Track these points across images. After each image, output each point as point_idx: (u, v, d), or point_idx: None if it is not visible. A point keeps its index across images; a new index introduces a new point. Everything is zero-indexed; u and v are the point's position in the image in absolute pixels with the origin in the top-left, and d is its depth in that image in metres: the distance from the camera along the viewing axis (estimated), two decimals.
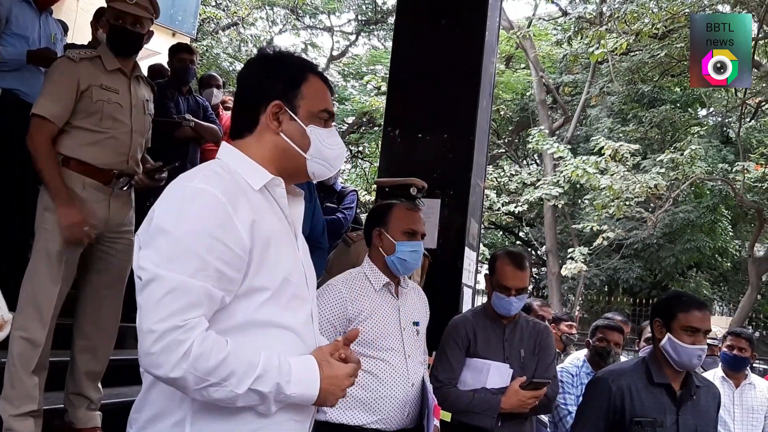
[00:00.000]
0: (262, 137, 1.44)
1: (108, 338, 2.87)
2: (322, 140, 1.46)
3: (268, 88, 1.45)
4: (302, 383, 1.32)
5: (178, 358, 1.22)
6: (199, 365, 1.23)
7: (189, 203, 1.29)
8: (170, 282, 1.24)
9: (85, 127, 2.72)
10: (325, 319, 2.32)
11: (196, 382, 1.23)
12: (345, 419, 2.31)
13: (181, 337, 1.22)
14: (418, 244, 2.46)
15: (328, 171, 1.51)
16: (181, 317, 1.23)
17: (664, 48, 12.36)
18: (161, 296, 1.23)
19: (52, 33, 3.78)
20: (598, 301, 17.19)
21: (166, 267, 1.24)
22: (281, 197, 1.44)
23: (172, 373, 1.22)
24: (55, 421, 2.80)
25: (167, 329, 1.22)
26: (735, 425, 3.98)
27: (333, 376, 1.37)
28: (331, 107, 1.51)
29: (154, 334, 1.22)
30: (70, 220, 2.59)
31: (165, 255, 1.26)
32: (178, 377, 1.22)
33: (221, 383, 1.24)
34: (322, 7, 18.68)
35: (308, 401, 1.35)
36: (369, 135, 18.10)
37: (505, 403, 2.57)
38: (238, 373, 1.26)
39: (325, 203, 4.31)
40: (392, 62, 4.22)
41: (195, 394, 1.26)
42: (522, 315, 2.85)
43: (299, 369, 1.33)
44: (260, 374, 1.27)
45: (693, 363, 2.42)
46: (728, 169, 12.60)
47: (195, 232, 1.26)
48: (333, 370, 1.37)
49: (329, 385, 1.36)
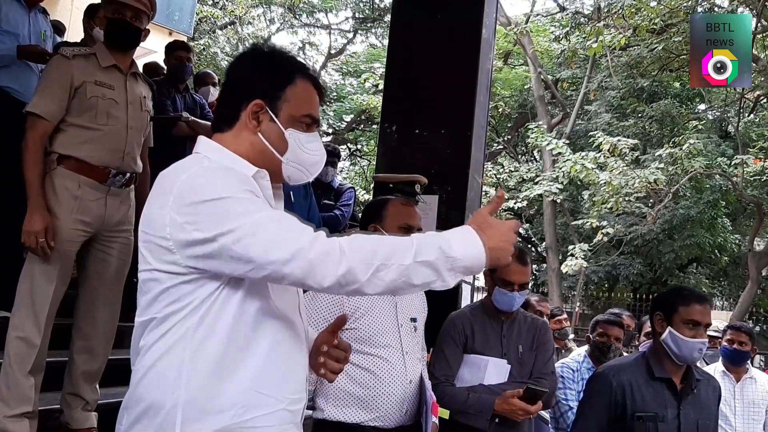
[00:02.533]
0: (240, 134, 1.44)
1: (105, 338, 2.86)
2: (301, 145, 1.45)
3: (253, 86, 1.44)
4: (463, 243, 1.28)
5: (336, 258, 1.23)
6: (359, 253, 1.24)
7: (203, 174, 1.32)
8: (268, 215, 1.27)
9: (80, 125, 2.69)
10: (321, 315, 2.31)
11: (365, 269, 1.24)
12: (342, 417, 2.30)
13: (323, 240, 1.24)
14: None
15: (305, 176, 1.50)
16: (303, 231, 1.26)
17: (663, 42, 12.33)
18: (274, 227, 1.25)
19: (41, 30, 3.75)
20: (599, 297, 17.18)
21: (240, 220, 1.25)
22: (266, 188, 1.43)
23: (340, 269, 1.23)
24: (51, 421, 2.79)
25: (304, 242, 1.23)
26: (736, 419, 3.97)
27: (495, 231, 1.31)
28: (316, 113, 1.49)
29: (299, 253, 1.22)
30: (30, 227, 2.56)
31: (232, 214, 1.26)
32: (346, 270, 1.23)
33: (387, 262, 1.24)
34: (320, 6, 18.65)
35: (479, 260, 1.29)
36: (367, 133, 18.10)
37: (498, 407, 2.55)
38: (398, 249, 1.25)
39: (323, 200, 4.30)
40: (388, 58, 4.21)
41: (368, 285, 1.25)
42: (520, 311, 2.83)
43: (453, 233, 1.30)
44: (418, 246, 1.26)
45: (694, 356, 2.41)
46: (727, 163, 12.59)
47: (229, 187, 1.28)
48: (492, 226, 1.31)
49: (494, 241, 1.30)
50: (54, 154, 2.67)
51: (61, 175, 2.66)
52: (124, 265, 2.88)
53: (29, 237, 2.56)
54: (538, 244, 17.91)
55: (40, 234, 2.55)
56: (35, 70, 3.61)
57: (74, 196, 2.67)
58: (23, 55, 3.52)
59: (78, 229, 2.68)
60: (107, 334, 2.86)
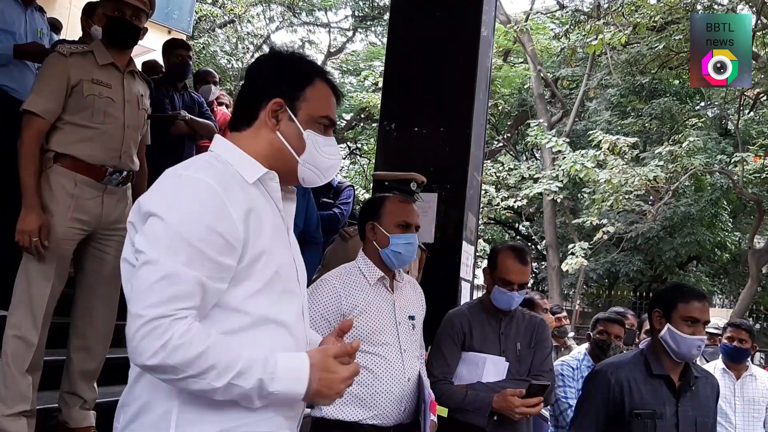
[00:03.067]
0: (259, 133, 1.44)
1: (103, 337, 2.85)
2: (318, 147, 1.45)
3: (273, 86, 1.44)
4: (288, 381, 1.29)
5: (158, 346, 1.21)
6: (178, 356, 1.21)
7: (183, 190, 1.29)
8: (164, 268, 1.23)
9: (77, 123, 2.68)
10: (318, 314, 2.30)
11: (174, 372, 1.22)
12: (341, 415, 2.29)
13: (166, 326, 1.21)
14: (412, 236, 2.43)
15: (319, 179, 1.49)
16: (171, 306, 1.22)
17: (663, 40, 12.31)
18: (154, 281, 1.23)
19: (38, 28, 3.74)
20: (599, 295, 17.18)
21: (161, 253, 1.24)
22: (275, 191, 1.43)
23: (150, 360, 1.21)
24: (50, 420, 2.79)
25: (155, 316, 1.21)
26: (736, 417, 3.96)
27: (328, 377, 1.33)
28: (334, 115, 1.50)
29: (141, 319, 1.22)
30: (24, 226, 2.55)
31: (160, 241, 1.25)
32: (156, 365, 1.22)
33: (199, 375, 1.23)
34: (319, 4, 18.64)
35: (294, 399, 1.32)
36: (367, 131, 18.08)
37: (496, 404, 2.54)
38: (219, 367, 1.24)
39: (322, 198, 4.29)
40: (388, 56, 4.20)
41: (173, 384, 1.25)
42: (518, 308, 2.82)
43: (286, 367, 1.30)
44: (242, 370, 1.25)
45: (692, 353, 2.41)
46: (727, 161, 12.58)
47: (189, 221, 1.26)
48: (329, 371, 1.33)
49: (321, 386, 1.32)
50: (50, 152, 2.67)
51: (58, 174, 2.66)
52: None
53: (23, 236, 2.55)
54: (538, 243, 17.90)
55: (33, 233, 2.55)
56: (32, 69, 3.60)
57: (71, 195, 2.66)
58: (22, 55, 3.51)
59: (75, 227, 2.67)
60: (104, 333, 2.85)
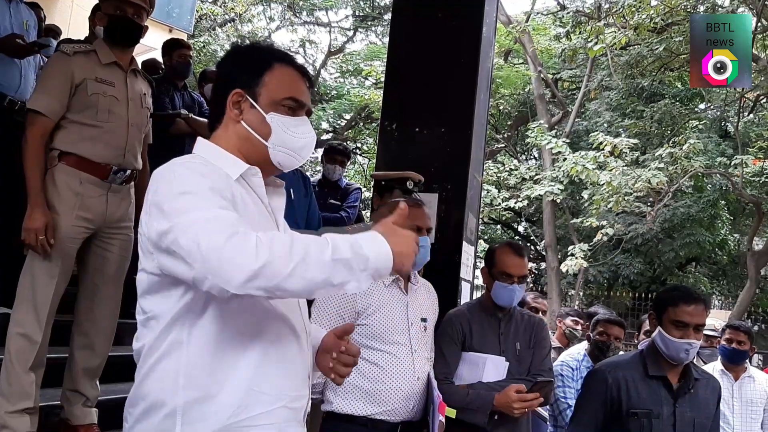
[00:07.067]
0: (228, 127, 1.46)
1: (106, 335, 2.87)
2: (286, 128, 1.45)
3: (234, 78, 1.46)
4: (373, 245, 1.26)
5: (252, 248, 1.18)
6: (277, 249, 1.19)
7: (177, 169, 1.33)
8: (205, 214, 1.22)
9: (81, 122, 2.70)
10: (333, 310, 2.36)
11: (284, 264, 1.18)
12: (350, 410, 2.35)
13: (246, 234, 1.20)
14: (424, 239, 2.48)
15: (296, 160, 1.49)
16: (233, 228, 1.21)
17: (663, 42, 12.31)
18: (205, 222, 1.21)
19: (24, 20, 3.69)
20: (598, 296, 17.18)
21: (190, 211, 1.23)
22: (258, 186, 1.45)
23: (256, 263, 1.17)
24: (52, 417, 2.80)
25: (230, 234, 1.19)
26: (734, 418, 3.98)
27: (398, 239, 1.29)
28: (300, 96, 1.48)
29: (218, 244, 1.18)
30: (30, 224, 2.57)
31: (182, 208, 1.24)
32: (263, 264, 1.17)
33: (306, 259, 1.20)
34: (320, 4, 18.64)
35: (387, 262, 1.26)
36: (367, 131, 18.07)
37: (498, 402, 2.57)
38: (314, 247, 1.21)
39: (329, 200, 4.30)
40: (389, 56, 4.20)
41: (289, 280, 1.19)
42: (516, 308, 2.86)
43: (361, 237, 1.27)
44: (334, 245, 1.22)
45: (680, 356, 2.43)
46: (727, 163, 12.59)
47: (193, 183, 1.28)
48: (396, 234, 1.30)
49: (400, 246, 1.28)
50: (55, 150, 2.68)
51: (63, 172, 2.67)
52: (125, 262, 2.89)
53: (29, 234, 2.56)
54: (538, 243, 17.92)
55: (39, 231, 2.56)
56: (17, 62, 3.55)
57: (75, 193, 2.68)
58: (1, 49, 3.44)
59: (79, 225, 2.69)
60: (107, 331, 2.87)
